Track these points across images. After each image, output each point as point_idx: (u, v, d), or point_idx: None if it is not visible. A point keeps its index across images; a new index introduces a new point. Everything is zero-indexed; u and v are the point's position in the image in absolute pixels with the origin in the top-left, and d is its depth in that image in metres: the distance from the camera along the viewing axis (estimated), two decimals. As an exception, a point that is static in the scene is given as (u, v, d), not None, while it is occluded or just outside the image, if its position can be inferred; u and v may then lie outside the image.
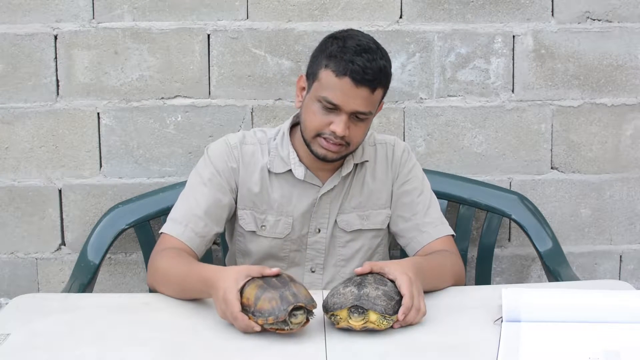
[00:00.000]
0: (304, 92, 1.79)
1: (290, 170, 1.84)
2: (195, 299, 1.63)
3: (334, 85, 1.69)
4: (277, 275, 1.49)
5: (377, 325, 1.45)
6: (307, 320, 1.44)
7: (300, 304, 1.42)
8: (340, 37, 1.73)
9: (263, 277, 1.48)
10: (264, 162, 1.85)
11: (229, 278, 1.49)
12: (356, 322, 1.44)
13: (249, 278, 1.48)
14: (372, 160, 1.91)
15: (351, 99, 1.69)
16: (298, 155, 1.84)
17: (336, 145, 1.73)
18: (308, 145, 1.78)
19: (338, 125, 1.70)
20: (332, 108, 1.70)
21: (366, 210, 1.90)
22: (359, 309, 1.44)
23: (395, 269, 1.53)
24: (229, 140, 1.87)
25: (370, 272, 1.53)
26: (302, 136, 1.79)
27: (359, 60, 1.67)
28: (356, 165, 1.88)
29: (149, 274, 1.76)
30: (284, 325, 1.41)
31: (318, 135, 1.74)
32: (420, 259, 1.76)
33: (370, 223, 1.91)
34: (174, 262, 1.69)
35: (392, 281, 1.52)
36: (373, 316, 1.44)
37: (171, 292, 1.66)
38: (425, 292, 1.57)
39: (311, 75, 1.76)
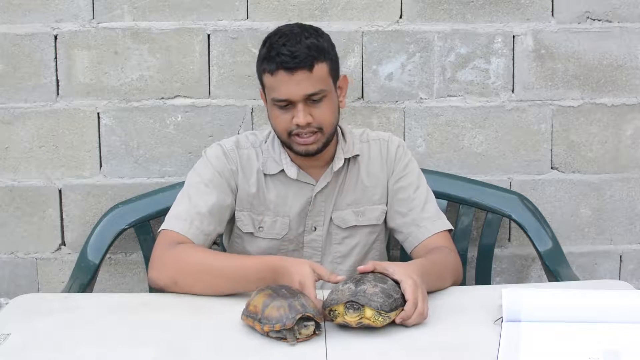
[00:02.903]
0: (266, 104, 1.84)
1: (284, 170, 1.85)
2: (219, 295, 1.64)
3: (274, 83, 1.73)
4: (286, 287, 1.50)
5: (373, 322, 1.44)
6: (314, 332, 1.44)
7: (308, 314, 1.42)
8: (267, 39, 1.78)
9: (273, 287, 1.49)
10: (259, 165, 1.87)
11: (305, 265, 1.55)
12: (351, 317, 1.44)
13: (314, 274, 1.53)
14: (366, 156, 1.91)
15: (293, 86, 1.71)
16: (290, 156, 1.85)
17: (310, 135, 1.76)
18: (289, 148, 1.81)
19: (297, 116, 1.73)
20: (286, 105, 1.74)
21: (361, 206, 1.91)
22: (354, 304, 1.44)
23: (399, 271, 1.53)
24: (224, 145, 1.89)
25: (372, 271, 1.53)
26: (280, 141, 1.83)
27: (283, 49, 1.70)
28: (348, 160, 1.89)
29: (157, 269, 1.71)
30: (290, 334, 1.42)
31: (289, 135, 1.77)
32: (424, 261, 1.73)
33: (365, 219, 1.91)
34: (211, 254, 1.71)
35: (395, 280, 1.52)
36: (368, 312, 1.44)
37: (201, 285, 1.65)
38: (427, 292, 1.56)
39: (261, 85, 1.81)
